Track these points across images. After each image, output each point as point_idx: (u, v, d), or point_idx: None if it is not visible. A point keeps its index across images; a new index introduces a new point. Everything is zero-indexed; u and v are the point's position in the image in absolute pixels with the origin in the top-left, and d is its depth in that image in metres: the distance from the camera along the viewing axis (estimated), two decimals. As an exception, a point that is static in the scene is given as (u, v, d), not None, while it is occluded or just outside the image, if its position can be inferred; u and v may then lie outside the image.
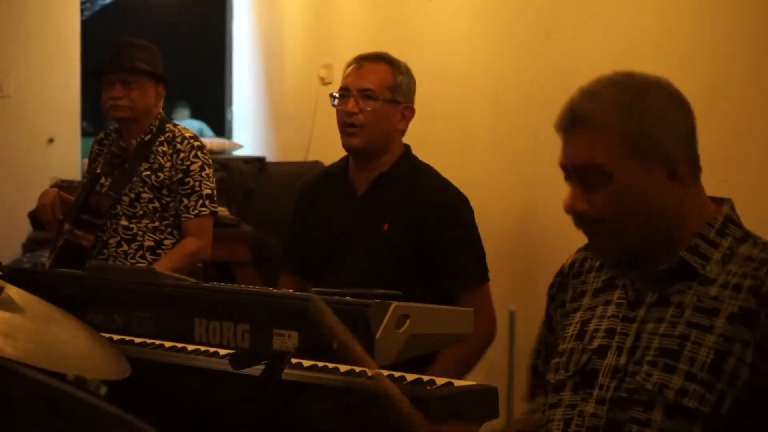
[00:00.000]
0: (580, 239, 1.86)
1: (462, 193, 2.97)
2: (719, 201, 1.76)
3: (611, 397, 1.69)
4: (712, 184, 1.78)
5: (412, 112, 2.99)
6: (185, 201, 3.55)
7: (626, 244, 1.71)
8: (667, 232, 1.71)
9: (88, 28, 7.11)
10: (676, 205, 1.70)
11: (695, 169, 1.72)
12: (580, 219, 1.72)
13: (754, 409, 1.59)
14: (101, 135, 3.81)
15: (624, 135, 1.66)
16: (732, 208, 1.75)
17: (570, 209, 1.72)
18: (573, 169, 1.71)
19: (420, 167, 3.01)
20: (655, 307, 1.71)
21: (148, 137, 3.61)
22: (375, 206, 2.94)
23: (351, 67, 2.97)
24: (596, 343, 1.75)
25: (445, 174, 3.01)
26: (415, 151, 3.04)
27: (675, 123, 1.70)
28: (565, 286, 1.90)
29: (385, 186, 2.95)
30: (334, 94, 2.97)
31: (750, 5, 2.08)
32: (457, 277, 2.87)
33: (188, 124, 6.71)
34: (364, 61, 2.96)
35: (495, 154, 3.43)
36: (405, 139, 3.05)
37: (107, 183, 3.61)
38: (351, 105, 2.90)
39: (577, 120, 1.69)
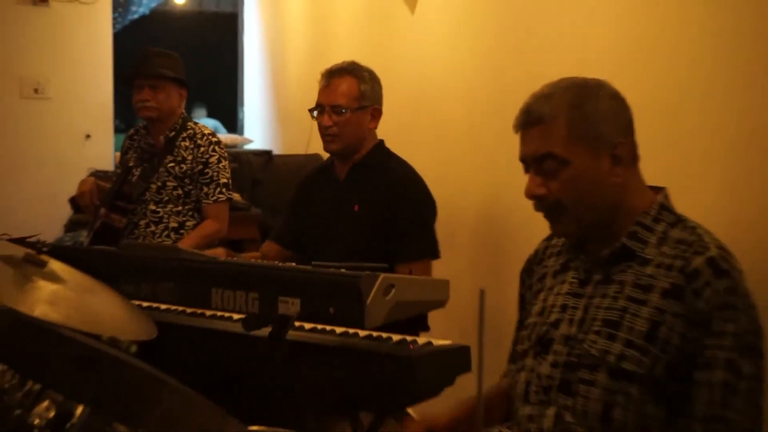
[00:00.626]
0: (541, 227, 1.86)
1: (421, 179, 2.94)
2: (656, 189, 1.78)
3: (564, 361, 1.72)
4: (650, 172, 1.79)
5: (380, 111, 2.99)
6: (205, 189, 3.57)
7: (581, 222, 1.72)
8: (614, 213, 1.72)
9: (119, 39, 7.08)
10: (620, 186, 1.71)
11: (635, 156, 1.74)
12: (540, 203, 1.74)
13: (684, 372, 1.61)
14: (131, 131, 3.81)
15: (573, 127, 1.69)
16: (666, 196, 1.77)
17: (530, 195, 1.74)
18: (531, 161, 1.73)
19: (391, 158, 3.01)
20: (601, 285, 1.73)
21: (172, 134, 3.62)
22: (350, 191, 2.96)
23: (322, 83, 2.98)
24: (553, 317, 1.78)
25: (425, 169, 3.00)
26: (399, 149, 3.04)
27: (616, 115, 1.72)
28: (531, 271, 1.94)
29: (359, 173, 2.97)
30: (312, 108, 2.99)
31: (705, 16, 2.08)
32: (395, 250, 2.83)
33: (205, 122, 6.67)
34: (331, 77, 2.96)
35: (470, 152, 3.42)
36: (391, 140, 3.06)
37: (138, 173, 3.62)
38: (326, 119, 2.93)
39: (533, 118, 1.72)
